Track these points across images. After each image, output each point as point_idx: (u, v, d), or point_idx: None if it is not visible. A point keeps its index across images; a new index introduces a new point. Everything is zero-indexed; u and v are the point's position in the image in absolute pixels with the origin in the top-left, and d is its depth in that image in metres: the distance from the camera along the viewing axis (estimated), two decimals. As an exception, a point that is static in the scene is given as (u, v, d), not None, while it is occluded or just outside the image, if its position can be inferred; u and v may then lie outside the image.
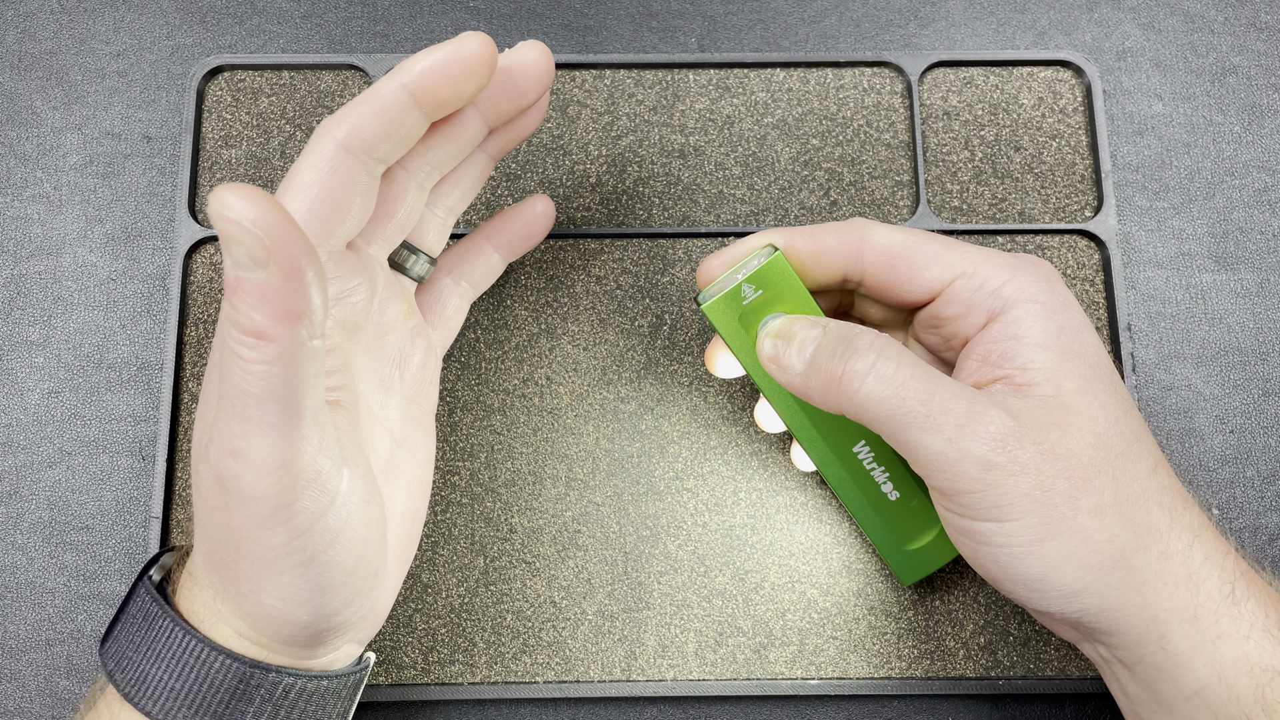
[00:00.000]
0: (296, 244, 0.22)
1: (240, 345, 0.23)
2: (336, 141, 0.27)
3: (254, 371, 0.23)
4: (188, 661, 0.26)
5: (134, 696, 0.26)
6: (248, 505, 0.24)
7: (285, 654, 0.27)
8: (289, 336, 0.22)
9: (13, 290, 0.38)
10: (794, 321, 0.29)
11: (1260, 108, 0.40)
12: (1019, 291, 0.28)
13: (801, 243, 0.30)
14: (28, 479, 0.37)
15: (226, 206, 0.21)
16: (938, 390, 0.26)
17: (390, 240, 0.30)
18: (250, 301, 0.22)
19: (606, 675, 0.35)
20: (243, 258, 0.21)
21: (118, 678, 0.27)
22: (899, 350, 0.27)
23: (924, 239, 0.30)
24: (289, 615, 0.26)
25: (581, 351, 0.38)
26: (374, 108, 0.27)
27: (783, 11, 0.41)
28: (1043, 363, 0.27)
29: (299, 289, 0.22)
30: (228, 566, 0.26)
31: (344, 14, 0.41)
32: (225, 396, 0.24)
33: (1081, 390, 0.27)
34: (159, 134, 0.40)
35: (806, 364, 0.28)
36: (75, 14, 0.41)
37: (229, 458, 0.24)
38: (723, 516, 0.36)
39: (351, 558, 0.26)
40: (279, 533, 0.25)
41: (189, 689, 0.26)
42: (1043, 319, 0.28)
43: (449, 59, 0.26)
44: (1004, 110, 0.40)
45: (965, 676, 0.35)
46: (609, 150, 0.39)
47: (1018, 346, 0.28)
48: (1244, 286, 0.39)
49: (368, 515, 0.27)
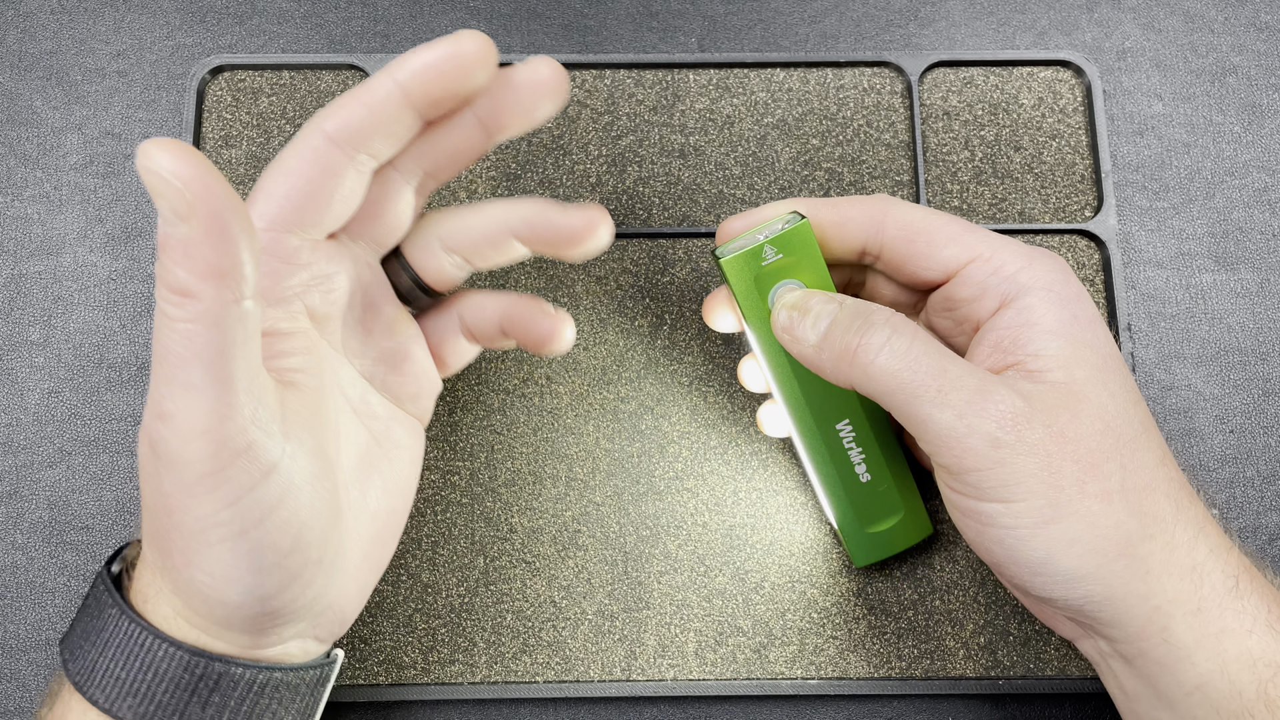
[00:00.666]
0: (221, 199, 0.22)
1: (166, 303, 0.22)
2: (324, 133, 0.26)
3: (179, 330, 0.23)
4: (133, 650, 0.26)
5: (84, 686, 0.26)
6: (174, 470, 0.24)
7: (227, 640, 0.27)
8: (212, 294, 0.22)
9: (13, 290, 0.38)
10: (810, 295, 0.30)
11: (1260, 108, 0.40)
12: (1034, 279, 0.29)
13: (825, 212, 0.31)
14: (28, 479, 0.37)
15: (150, 159, 0.21)
16: (950, 367, 0.27)
17: (380, 240, 0.30)
18: (175, 257, 0.22)
19: (606, 675, 0.35)
20: (168, 212, 0.21)
21: (70, 668, 0.27)
22: (914, 327, 0.28)
23: (945, 219, 0.30)
24: (219, 594, 0.25)
25: (581, 351, 0.38)
26: (364, 102, 0.26)
27: (783, 11, 0.41)
28: (1055, 350, 0.27)
29: (223, 245, 0.22)
30: (162, 538, 0.25)
31: (344, 14, 0.41)
32: (155, 357, 0.23)
33: (1092, 378, 0.27)
34: (159, 134, 0.40)
35: (821, 336, 0.28)
36: (75, 14, 0.41)
37: (157, 420, 0.24)
38: (723, 516, 0.36)
39: (286, 539, 0.25)
40: (205, 501, 0.24)
41: (133, 677, 0.26)
42: (1056, 307, 0.28)
43: (444, 57, 0.26)
44: (1004, 110, 0.40)
45: (965, 676, 0.35)
46: (609, 150, 0.39)
47: (1030, 333, 0.28)
48: (1244, 286, 0.39)
49: (311, 498, 0.26)
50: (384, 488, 0.30)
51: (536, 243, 0.30)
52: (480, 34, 0.26)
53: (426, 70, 0.26)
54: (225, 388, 0.23)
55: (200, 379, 0.23)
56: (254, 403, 0.24)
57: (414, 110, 0.27)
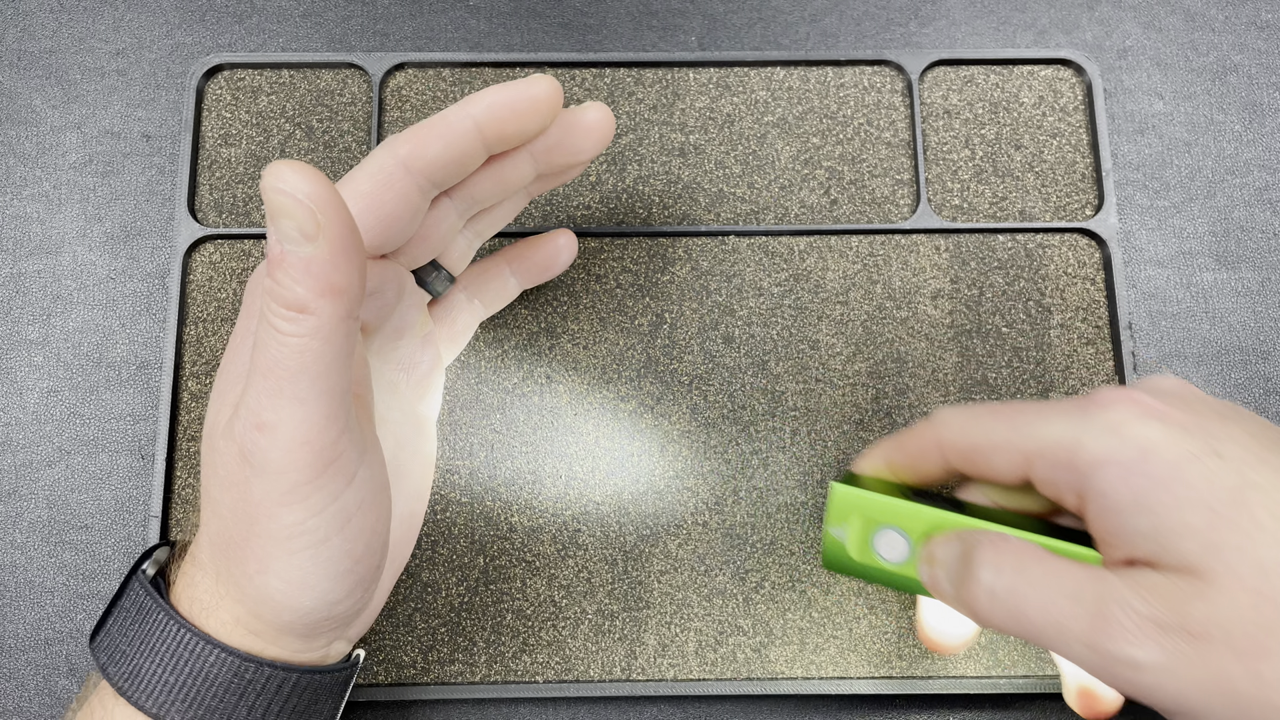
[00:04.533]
0: (345, 221, 0.23)
1: (279, 319, 0.23)
2: (398, 157, 0.27)
3: (290, 345, 0.23)
4: (182, 655, 0.26)
5: (128, 691, 0.26)
6: (269, 480, 0.24)
7: (280, 645, 0.27)
8: (329, 311, 0.23)
9: (12, 289, 0.38)
10: (933, 543, 0.27)
11: (1261, 106, 0.40)
12: (1092, 457, 0.25)
13: (891, 457, 0.30)
14: (27, 478, 0.37)
15: (281, 179, 0.22)
16: (1057, 597, 0.24)
17: (419, 258, 0.31)
18: (294, 275, 0.23)
19: (606, 675, 0.35)
20: (291, 231, 0.22)
21: (111, 672, 0.27)
22: (1015, 558, 0.25)
23: (987, 425, 0.27)
24: (293, 600, 0.26)
25: (581, 350, 0.37)
26: (439, 132, 0.27)
27: (783, 10, 0.41)
28: (1148, 529, 0.23)
29: (344, 265, 0.23)
30: (237, 546, 0.26)
31: (344, 13, 0.41)
32: (258, 370, 0.24)
33: (1205, 548, 0.23)
34: (158, 133, 0.40)
35: (954, 590, 0.26)
36: (74, 12, 0.41)
37: (255, 430, 0.24)
38: (723, 516, 0.36)
39: (361, 544, 0.27)
40: (295, 510, 0.25)
41: (183, 683, 0.26)
42: (1124, 481, 0.24)
43: (519, 96, 0.27)
44: (1004, 109, 0.40)
45: (965, 676, 0.35)
46: (609, 149, 0.39)
47: (1118, 521, 0.24)
48: (1245, 285, 0.38)
49: (379, 504, 0.27)
50: (407, 494, 0.31)
51: (547, 152, 0.30)
52: (551, 79, 0.28)
53: (500, 108, 0.27)
54: (330, 400, 0.24)
55: (308, 392, 0.24)
56: (346, 415, 0.25)
57: (484, 145, 0.28)
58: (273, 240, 0.23)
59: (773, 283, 0.38)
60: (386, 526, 0.28)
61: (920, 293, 0.38)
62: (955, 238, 0.38)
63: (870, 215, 0.39)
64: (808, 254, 0.38)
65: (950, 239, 0.38)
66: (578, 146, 0.29)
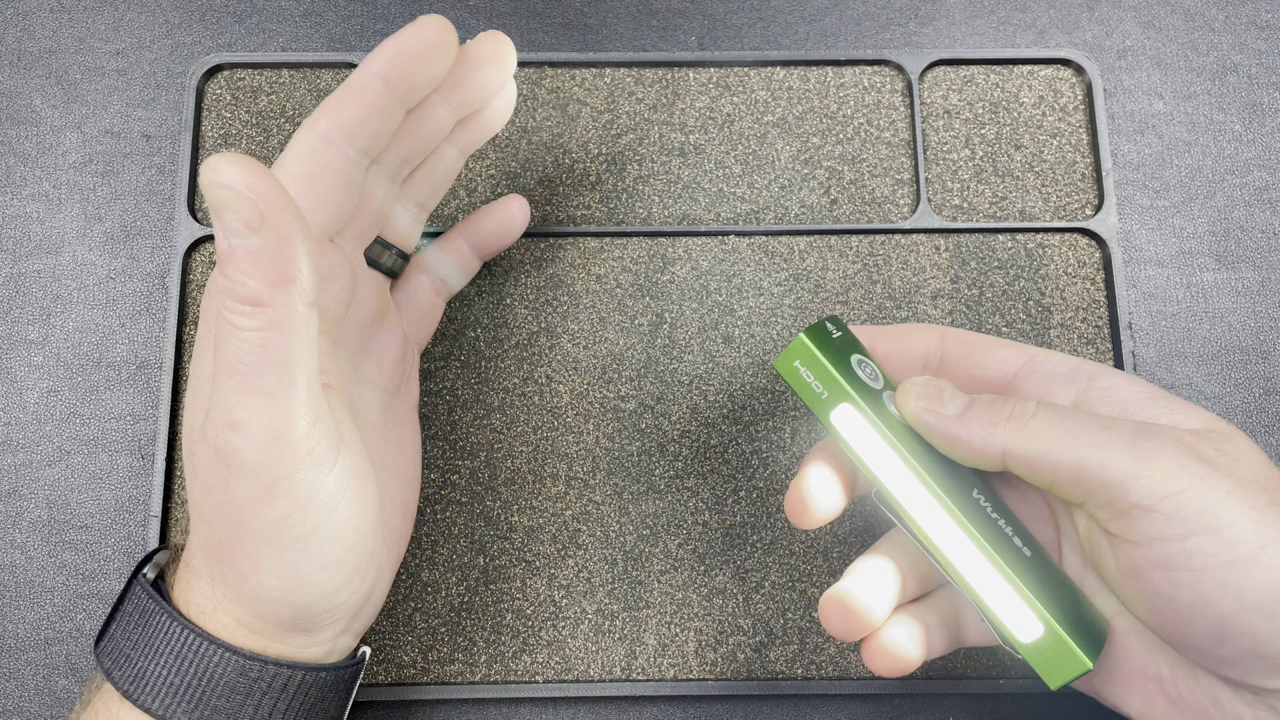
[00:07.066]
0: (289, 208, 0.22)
1: (235, 314, 0.23)
2: (319, 133, 0.27)
3: (250, 340, 0.23)
4: (186, 656, 0.26)
5: (133, 693, 0.26)
6: (247, 478, 0.24)
7: (284, 641, 0.27)
8: (283, 301, 0.23)
9: (12, 289, 0.38)
10: (941, 382, 0.28)
11: (1261, 106, 0.40)
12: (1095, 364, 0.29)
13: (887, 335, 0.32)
14: (27, 478, 0.37)
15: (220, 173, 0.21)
16: (1105, 419, 0.26)
17: (364, 235, 0.31)
18: (244, 268, 0.22)
19: (606, 674, 0.35)
20: (236, 224, 0.22)
21: (115, 675, 0.27)
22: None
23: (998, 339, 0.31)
24: (290, 595, 0.26)
25: (581, 350, 0.37)
26: (350, 96, 0.28)
27: (783, 10, 0.41)
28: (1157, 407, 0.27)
29: (291, 253, 0.23)
30: (226, 548, 0.26)
31: (343, 13, 0.41)
32: (221, 369, 0.24)
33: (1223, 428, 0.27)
34: (158, 132, 0.40)
35: (964, 407, 0.27)
36: (74, 12, 0.41)
37: (227, 430, 0.24)
38: (723, 516, 0.36)
39: (349, 532, 0.26)
40: (279, 505, 0.25)
41: (188, 684, 0.26)
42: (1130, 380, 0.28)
43: (413, 39, 0.28)
44: (1004, 108, 0.40)
45: (965, 676, 0.35)
46: (609, 148, 0.39)
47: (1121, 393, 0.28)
48: (1245, 285, 0.38)
49: (363, 492, 0.27)
50: (395, 482, 0.31)
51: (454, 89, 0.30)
52: (439, 16, 0.28)
53: (401, 55, 0.28)
54: (297, 391, 0.24)
55: (273, 385, 0.24)
56: (314, 405, 0.25)
57: (397, 99, 0.28)
58: (220, 237, 0.22)
59: (773, 283, 0.38)
60: (374, 513, 0.28)
61: (920, 292, 0.38)
62: (955, 237, 0.38)
63: (870, 215, 0.39)
64: (808, 254, 0.38)
65: (950, 239, 0.38)
66: (482, 78, 0.30)
